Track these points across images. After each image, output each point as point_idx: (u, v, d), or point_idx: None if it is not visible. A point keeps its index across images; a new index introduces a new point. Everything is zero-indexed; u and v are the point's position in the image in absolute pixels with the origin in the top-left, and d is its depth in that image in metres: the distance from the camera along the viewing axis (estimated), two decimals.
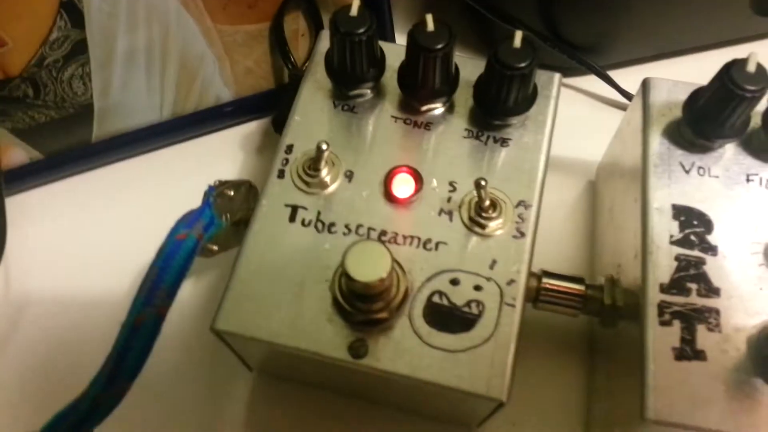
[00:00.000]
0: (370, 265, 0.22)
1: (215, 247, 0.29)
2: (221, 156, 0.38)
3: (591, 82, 0.40)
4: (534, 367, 0.31)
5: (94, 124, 0.35)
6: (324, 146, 0.26)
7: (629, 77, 0.37)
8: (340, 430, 0.31)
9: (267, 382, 0.32)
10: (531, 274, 0.26)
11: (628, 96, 0.39)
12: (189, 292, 0.34)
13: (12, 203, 0.35)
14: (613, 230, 0.31)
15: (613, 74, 0.39)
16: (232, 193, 0.29)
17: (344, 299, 0.24)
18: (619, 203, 0.31)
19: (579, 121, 0.38)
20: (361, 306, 0.23)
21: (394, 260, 0.23)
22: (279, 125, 0.36)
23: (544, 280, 0.28)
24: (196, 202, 0.28)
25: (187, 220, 0.26)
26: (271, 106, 0.37)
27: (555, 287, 0.28)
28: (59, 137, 0.35)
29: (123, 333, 0.23)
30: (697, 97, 0.27)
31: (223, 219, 0.28)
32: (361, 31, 0.26)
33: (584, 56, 0.38)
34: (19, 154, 0.35)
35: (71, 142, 0.36)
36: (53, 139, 0.35)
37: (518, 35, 0.26)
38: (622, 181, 0.31)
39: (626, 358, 0.26)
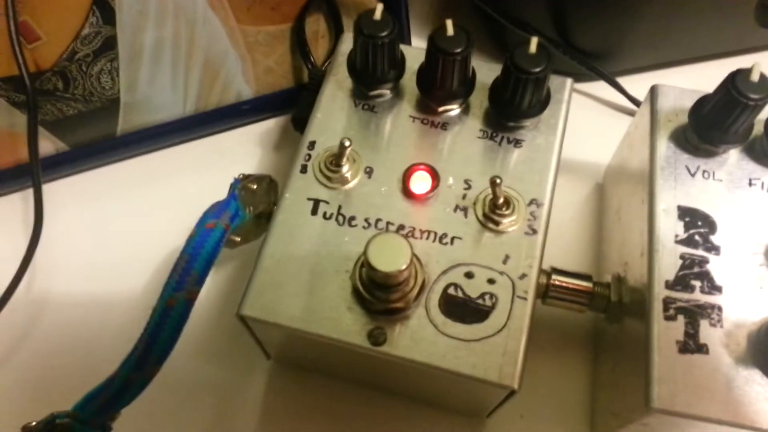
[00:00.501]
0: (391, 256, 0.23)
1: (238, 239, 0.31)
2: (241, 152, 0.39)
3: (600, 88, 0.41)
4: (542, 360, 0.32)
5: (119, 118, 0.37)
6: (347, 143, 0.27)
7: (638, 84, 0.39)
8: (354, 420, 0.32)
9: (284, 371, 0.33)
10: (541, 271, 0.28)
11: (636, 102, 0.40)
12: (210, 282, 0.35)
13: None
14: (620, 230, 0.32)
15: (622, 81, 0.40)
16: (254, 186, 0.31)
17: (364, 289, 0.25)
18: (626, 204, 0.32)
19: (588, 125, 0.39)
20: (381, 295, 0.25)
21: (413, 252, 0.24)
22: (298, 123, 0.37)
23: (554, 276, 0.29)
24: (215, 195, 0.29)
25: (215, 210, 0.27)
26: (290, 104, 0.39)
27: (564, 284, 0.29)
28: (85, 130, 0.36)
29: (154, 316, 0.24)
30: (702, 104, 0.29)
31: (247, 211, 0.29)
32: (384, 34, 0.28)
33: (594, 63, 0.39)
34: (46, 145, 0.36)
35: (97, 135, 0.37)
36: (80, 132, 0.36)
37: (534, 41, 0.27)
38: (629, 184, 0.32)
39: (631, 352, 0.27)
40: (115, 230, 0.37)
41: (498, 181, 0.26)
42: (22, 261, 0.33)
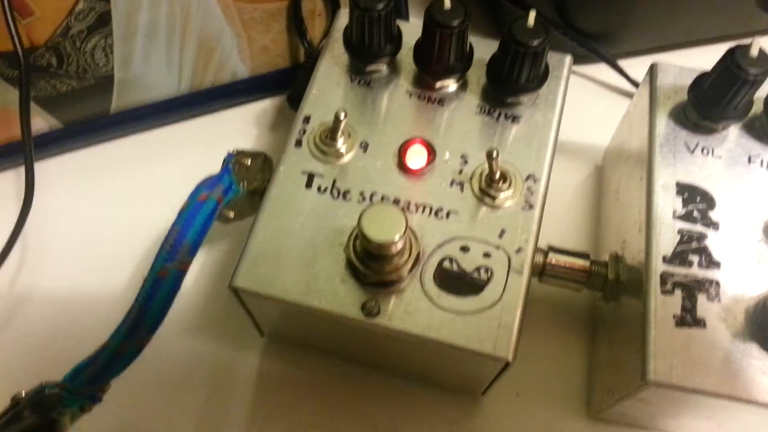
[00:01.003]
0: (385, 226, 0.23)
1: (231, 214, 0.30)
2: (236, 132, 0.39)
3: (600, 71, 0.41)
4: (538, 339, 0.32)
5: (113, 96, 0.36)
6: (342, 115, 0.27)
7: (637, 67, 0.38)
8: (348, 398, 0.31)
9: (277, 348, 0.32)
10: (537, 250, 0.27)
11: (635, 84, 0.40)
12: (203, 259, 0.35)
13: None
14: (618, 210, 0.32)
15: (622, 63, 0.40)
16: (248, 162, 0.30)
17: (358, 261, 0.25)
18: (625, 184, 0.32)
19: (587, 107, 0.39)
20: (375, 267, 0.24)
21: (408, 224, 0.24)
22: (294, 101, 0.37)
23: (551, 254, 0.29)
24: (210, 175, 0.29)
25: (208, 183, 0.27)
26: (286, 84, 0.38)
27: (561, 262, 0.29)
28: (79, 107, 0.36)
29: (145, 286, 0.24)
30: (702, 80, 0.28)
31: (241, 186, 0.29)
32: (380, 7, 0.27)
33: (594, 44, 0.39)
34: (39, 122, 0.36)
35: (90, 113, 0.37)
36: (73, 109, 0.36)
37: (532, 14, 0.27)
38: (628, 163, 0.32)
39: (628, 328, 0.26)
40: (107, 209, 0.37)
41: (495, 154, 0.26)
42: (9, 237, 0.33)
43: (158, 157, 0.38)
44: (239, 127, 0.39)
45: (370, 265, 0.24)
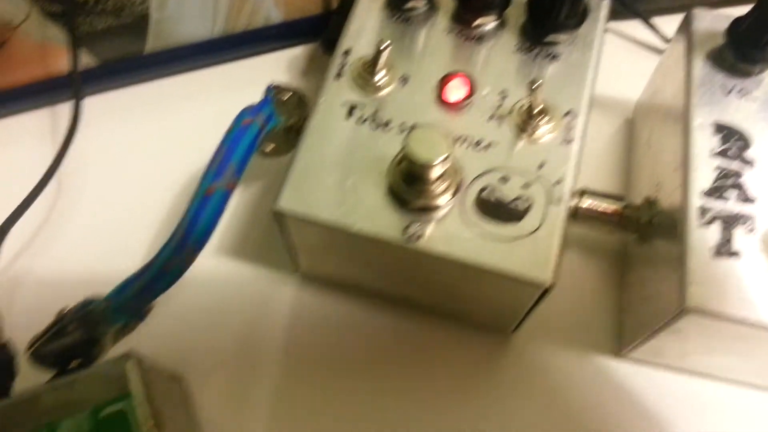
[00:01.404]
0: (431, 147, 0.23)
1: (269, 147, 0.31)
2: (267, 77, 0.38)
3: (632, 28, 0.41)
4: (568, 280, 0.32)
5: (148, 36, 0.36)
6: (384, 45, 0.27)
7: (670, 24, 0.38)
8: (378, 336, 0.32)
9: (311, 286, 0.33)
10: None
11: (667, 41, 0.40)
12: (240, 195, 0.35)
13: (65, 109, 0.36)
14: (650, 158, 0.32)
15: (654, 21, 0.40)
16: (285, 97, 0.31)
17: (403, 183, 0.25)
18: (657, 133, 0.32)
19: (618, 63, 0.38)
20: (419, 188, 0.25)
21: (452, 147, 0.24)
22: (328, 45, 0.37)
23: (585, 196, 0.29)
24: None
25: (251, 110, 0.27)
26: (318, 31, 0.38)
27: (594, 204, 0.29)
28: (115, 45, 0.36)
29: (194, 201, 0.24)
30: (739, 22, 0.29)
31: (281, 117, 0.29)
32: None
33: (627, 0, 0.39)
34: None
35: (125, 52, 0.37)
36: (109, 47, 0.36)
37: None
38: (660, 111, 0.32)
39: (663, 266, 0.27)
40: (140, 147, 0.37)
41: (537, 84, 0.26)
42: (47, 171, 0.33)
43: (191, 101, 0.38)
44: (271, 74, 0.39)
45: (414, 188, 0.25)
